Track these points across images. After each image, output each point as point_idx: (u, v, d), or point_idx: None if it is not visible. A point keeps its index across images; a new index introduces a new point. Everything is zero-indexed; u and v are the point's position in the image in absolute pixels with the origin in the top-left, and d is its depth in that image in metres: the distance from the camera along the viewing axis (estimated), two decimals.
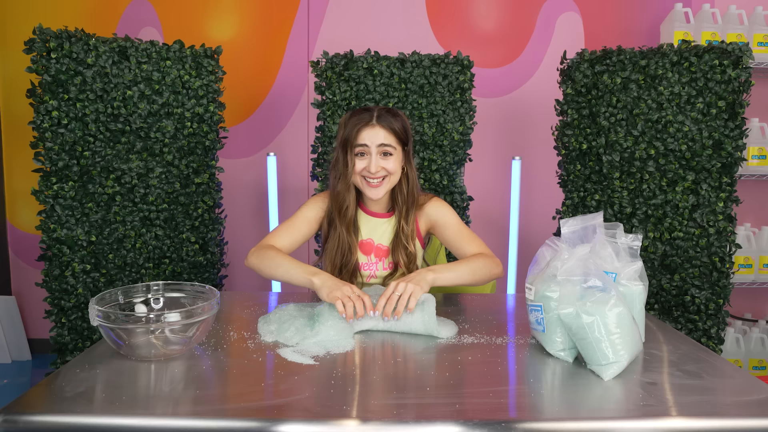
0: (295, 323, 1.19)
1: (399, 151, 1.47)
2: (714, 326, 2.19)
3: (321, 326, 1.16)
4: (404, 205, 1.52)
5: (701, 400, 0.89)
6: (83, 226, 2.10)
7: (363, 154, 1.45)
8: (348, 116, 1.48)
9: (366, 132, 1.43)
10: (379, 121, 1.43)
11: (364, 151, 1.44)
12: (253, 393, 0.91)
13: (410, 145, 1.50)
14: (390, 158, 1.45)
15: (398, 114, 1.47)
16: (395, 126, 1.44)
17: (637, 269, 1.13)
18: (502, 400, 0.89)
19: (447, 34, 2.97)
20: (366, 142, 1.43)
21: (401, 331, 1.21)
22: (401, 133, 1.46)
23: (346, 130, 1.45)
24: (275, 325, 1.20)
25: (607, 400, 0.91)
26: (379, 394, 0.90)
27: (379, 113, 1.44)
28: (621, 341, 0.98)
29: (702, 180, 2.14)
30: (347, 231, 1.50)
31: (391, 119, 1.44)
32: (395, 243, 1.52)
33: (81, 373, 0.97)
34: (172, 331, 1.04)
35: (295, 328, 1.17)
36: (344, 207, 1.49)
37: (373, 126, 1.43)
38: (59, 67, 2.01)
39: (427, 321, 1.18)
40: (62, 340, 2.15)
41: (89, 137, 2.07)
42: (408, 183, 1.52)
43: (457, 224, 1.53)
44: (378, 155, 1.43)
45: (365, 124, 1.43)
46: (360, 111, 1.47)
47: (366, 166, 1.44)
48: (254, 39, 2.96)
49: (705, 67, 2.09)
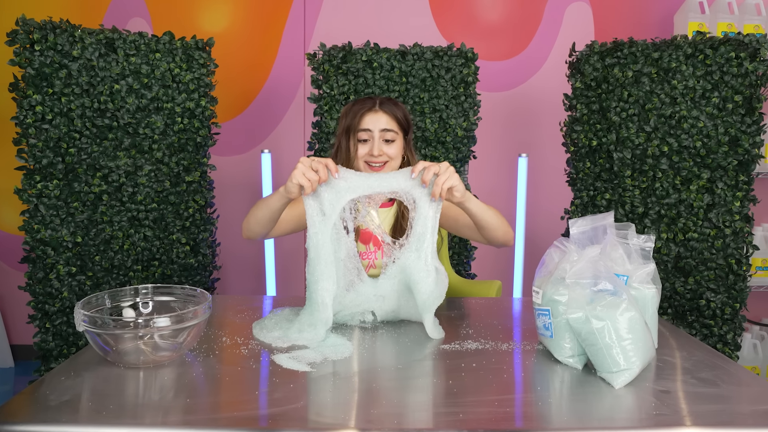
0: (294, 326, 1.20)
1: (400, 138, 1.54)
2: (730, 331, 2.19)
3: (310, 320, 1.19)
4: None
5: (717, 410, 0.89)
6: (68, 226, 2.10)
7: (366, 140, 1.52)
8: (350, 105, 1.56)
9: (369, 117, 1.51)
10: (382, 107, 1.52)
11: (367, 136, 1.51)
12: (246, 401, 0.91)
13: (411, 135, 1.59)
14: (392, 144, 1.52)
15: (399, 103, 1.57)
16: (397, 113, 1.53)
17: (649, 272, 1.13)
18: (507, 410, 0.89)
19: (450, 25, 2.97)
20: (369, 126, 1.50)
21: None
22: (403, 121, 1.54)
23: (349, 118, 1.53)
24: (279, 332, 1.20)
25: (618, 409, 0.91)
26: (380, 402, 0.90)
27: (382, 100, 1.54)
28: (633, 347, 0.98)
29: (717, 178, 2.14)
30: None
31: (393, 107, 1.54)
32: (395, 229, 1.57)
33: (66, 380, 0.97)
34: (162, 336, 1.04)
35: (297, 329, 1.19)
36: None
37: (376, 111, 1.52)
38: (43, 59, 2.01)
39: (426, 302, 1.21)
40: (46, 346, 2.15)
41: (75, 133, 2.07)
42: None
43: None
44: (380, 140, 1.50)
45: (368, 110, 1.52)
46: (362, 99, 1.56)
47: (369, 150, 1.51)
48: (248, 30, 2.96)
49: (721, 59, 2.09)
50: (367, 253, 1.58)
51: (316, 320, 1.19)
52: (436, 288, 1.22)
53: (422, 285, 1.21)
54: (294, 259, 3.07)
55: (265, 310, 1.45)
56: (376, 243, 1.58)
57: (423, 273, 1.22)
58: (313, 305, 1.20)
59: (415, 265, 1.23)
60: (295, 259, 3.07)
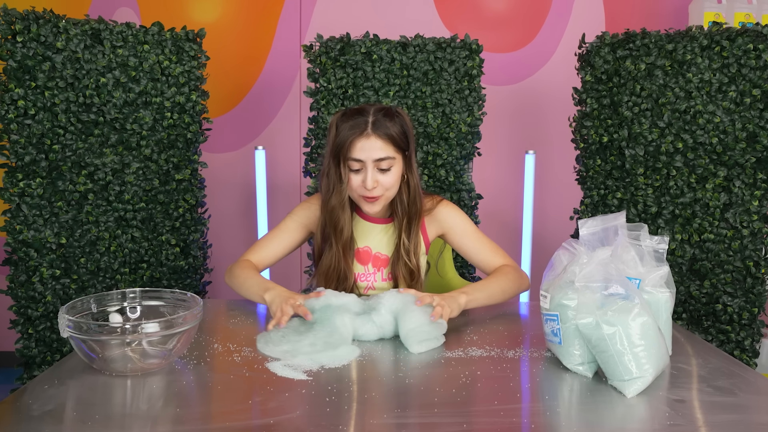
0: (305, 340, 1.18)
1: (398, 160, 1.44)
2: (748, 337, 2.19)
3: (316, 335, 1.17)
4: (404, 216, 1.51)
5: (734, 420, 0.89)
6: (52, 227, 2.10)
7: (358, 170, 1.43)
8: (339, 118, 1.45)
9: (361, 144, 1.39)
10: (375, 128, 1.40)
11: (359, 166, 1.42)
12: (239, 411, 0.91)
13: (412, 149, 1.48)
14: (387, 173, 1.43)
15: (396, 115, 1.44)
16: (393, 131, 1.41)
17: (663, 275, 1.13)
18: (514, 419, 0.89)
19: (454, 15, 2.97)
20: (361, 156, 1.40)
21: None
22: (400, 140, 1.43)
23: (339, 138, 1.42)
24: (288, 345, 1.16)
25: (630, 419, 0.91)
26: (379, 412, 0.90)
27: (375, 118, 1.41)
28: (645, 354, 0.98)
29: (735, 176, 2.14)
30: (344, 254, 1.50)
31: (388, 124, 1.41)
32: (395, 257, 1.53)
33: (50, 389, 0.97)
34: (150, 343, 1.04)
35: (309, 342, 1.16)
36: (339, 227, 1.49)
37: (368, 136, 1.39)
38: (26, 51, 2.01)
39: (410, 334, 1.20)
40: (29, 352, 2.15)
41: (59, 129, 2.07)
42: (409, 192, 1.50)
43: (475, 231, 1.57)
44: (374, 169, 1.41)
45: (360, 134, 1.39)
46: (353, 114, 1.43)
47: (362, 181, 1.42)
48: (241, 21, 2.96)
49: (738, 51, 2.09)
50: (366, 274, 1.56)
51: (335, 341, 1.17)
52: (421, 330, 1.20)
53: (407, 318, 1.21)
54: (290, 261, 3.06)
55: (260, 315, 1.45)
56: (375, 263, 1.56)
57: (412, 312, 1.23)
58: (329, 327, 1.20)
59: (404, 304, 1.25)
60: (290, 261, 3.07)
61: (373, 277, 1.55)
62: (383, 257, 1.56)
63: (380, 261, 1.56)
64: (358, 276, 1.55)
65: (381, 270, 1.56)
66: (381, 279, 1.55)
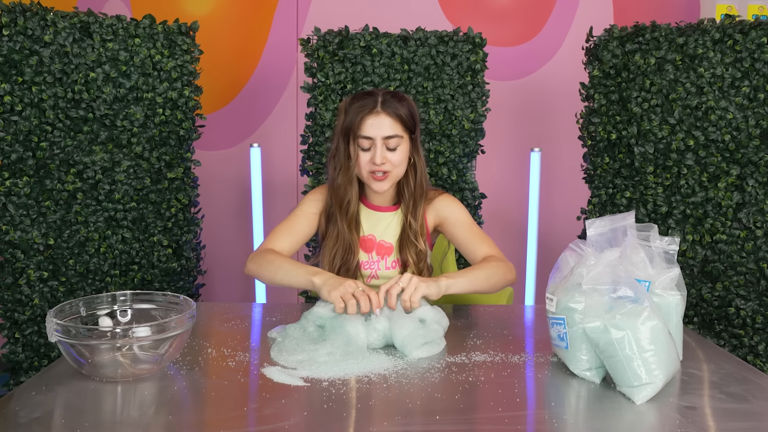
0: (324, 346, 1.18)
1: (406, 140, 1.51)
2: (762, 342, 2.19)
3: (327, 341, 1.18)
4: (411, 198, 1.57)
5: (747, 427, 0.89)
6: (40, 227, 2.10)
7: (368, 149, 1.49)
8: (349, 101, 1.52)
9: (370, 121, 1.47)
10: (384, 107, 1.48)
11: (369, 144, 1.48)
12: (234, 419, 0.91)
13: (418, 132, 1.55)
14: (395, 152, 1.49)
15: (404, 98, 1.53)
16: (401, 112, 1.49)
17: (673, 277, 1.13)
18: (519, 427, 0.89)
19: (456, 8, 2.97)
20: (370, 133, 1.47)
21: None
22: (408, 120, 1.51)
23: (348, 118, 1.49)
24: (303, 355, 1.15)
25: (639, 426, 0.91)
26: (379, 420, 0.90)
27: (384, 98, 1.49)
28: (655, 359, 0.98)
29: (748, 175, 2.14)
30: (348, 228, 1.54)
31: (396, 104, 1.49)
32: (402, 240, 1.56)
33: (37, 395, 0.97)
34: (142, 347, 1.04)
35: (326, 351, 1.15)
36: (345, 201, 1.54)
37: (378, 114, 1.47)
38: (12, 45, 2.01)
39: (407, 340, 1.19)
40: (16, 358, 2.15)
41: (47, 126, 2.07)
42: (416, 174, 1.56)
43: (469, 222, 1.59)
44: (383, 147, 1.48)
45: (369, 112, 1.47)
46: (362, 96, 1.51)
47: (371, 158, 1.48)
48: (235, 14, 2.96)
49: (752, 45, 2.09)
50: (369, 262, 1.58)
51: (353, 350, 1.16)
52: (416, 334, 1.21)
53: (398, 327, 1.22)
54: None
55: (255, 318, 1.45)
56: (379, 251, 1.58)
57: (402, 319, 1.23)
58: (343, 335, 1.20)
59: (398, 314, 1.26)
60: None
61: (377, 265, 1.58)
62: (387, 245, 1.59)
63: (384, 249, 1.59)
64: (362, 264, 1.58)
65: (385, 258, 1.58)
66: (385, 267, 1.58)
